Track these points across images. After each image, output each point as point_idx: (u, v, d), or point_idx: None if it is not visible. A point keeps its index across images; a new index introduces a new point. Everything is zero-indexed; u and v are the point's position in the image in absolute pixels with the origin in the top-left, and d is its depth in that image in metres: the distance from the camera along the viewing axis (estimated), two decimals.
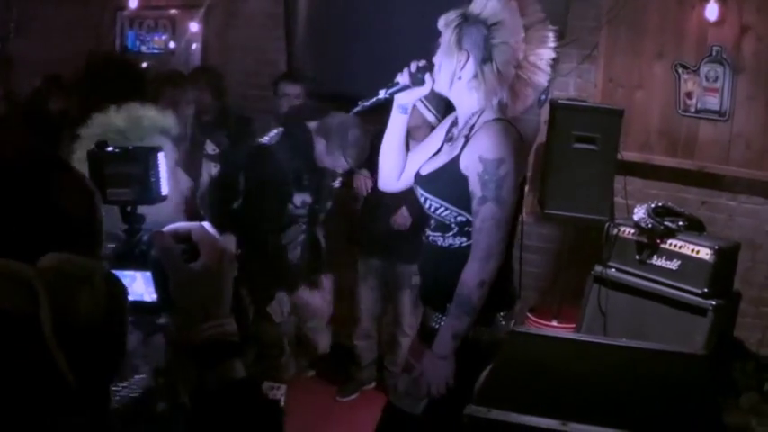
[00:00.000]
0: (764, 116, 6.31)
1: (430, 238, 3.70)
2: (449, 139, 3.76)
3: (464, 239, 3.58)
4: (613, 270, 5.76)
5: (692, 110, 6.49)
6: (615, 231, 5.80)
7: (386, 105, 3.80)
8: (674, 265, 5.59)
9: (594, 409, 2.39)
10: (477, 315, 3.50)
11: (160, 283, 1.69)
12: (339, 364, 6.83)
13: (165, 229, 1.70)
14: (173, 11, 8.29)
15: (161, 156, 1.84)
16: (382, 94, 3.67)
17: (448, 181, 3.55)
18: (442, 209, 3.58)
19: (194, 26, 8.04)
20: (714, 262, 5.44)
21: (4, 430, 1.33)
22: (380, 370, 6.73)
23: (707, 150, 6.48)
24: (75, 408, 1.40)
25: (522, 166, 3.64)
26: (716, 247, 5.48)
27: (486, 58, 3.48)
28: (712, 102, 6.42)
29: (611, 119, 6.04)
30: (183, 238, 1.69)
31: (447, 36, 3.55)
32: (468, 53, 3.51)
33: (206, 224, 1.73)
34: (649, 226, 5.67)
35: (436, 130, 3.96)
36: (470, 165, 3.46)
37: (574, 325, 5.96)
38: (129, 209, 1.82)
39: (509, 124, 3.56)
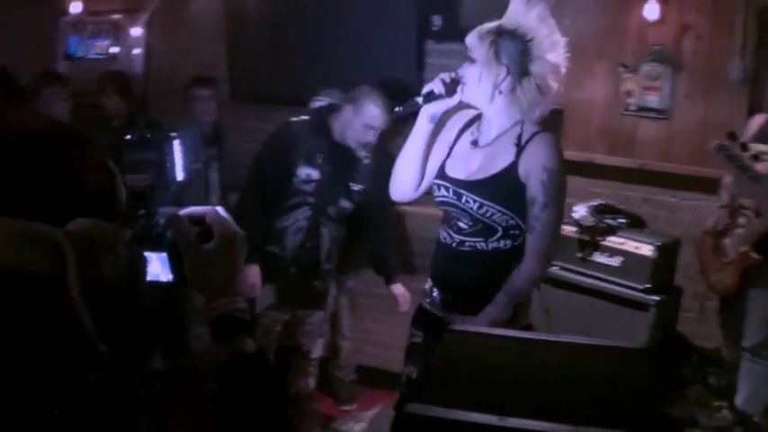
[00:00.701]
0: (704, 114, 6.39)
1: (467, 244, 3.77)
2: (472, 143, 3.85)
3: (509, 242, 3.72)
4: (556, 268, 5.81)
5: (633, 108, 6.57)
6: None
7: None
8: (616, 261, 5.68)
9: (534, 404, 2.40)
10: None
11: (175, 265, 1.79)
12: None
13: (181, 212, 1.80)
14: (115, 16, 8.22)
15: (176, 143, 1.92)
16: (420, 101, 3.76)
17: (506, 186, 3.66)
18: (498, 213, 3.67)
19: (137, 31, 7.99)
20: (656, 258, 5.56)
21: (33, 387, 1.40)
22: (324, 374, 6.71)
23: (648, 148, 6.56)
24: (99, 366, 1.49)
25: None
26: (657, 244, 5.59)
27: (524, 72, 3.63)
28: (653, 100, 6.50)
29: (550, 118, 6.06)
30: (198, 220, 1.80)
31: (484, 50, 3.66)
32: (508, 67, 3.64)
33: (219, 208, 1.84)
34: (590, 224, 5.75)
35: (442, 134, 4.01)
36: (533, 172, 3.61)
37: None
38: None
39: (555, 135, 3.82)
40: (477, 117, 3.93)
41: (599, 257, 5.77)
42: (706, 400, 5.68)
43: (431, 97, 3.73)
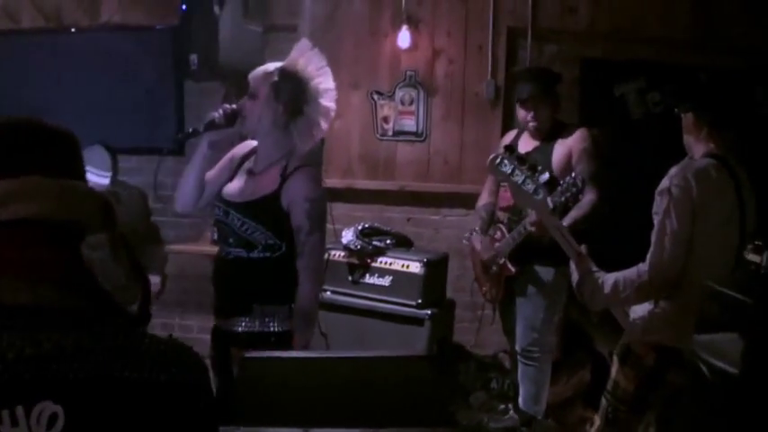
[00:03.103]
0: (458, 134, 6.76)
1: (232, 254, 4.08)
2: (248, 171, 4.15)
3: (267, 254, 4.02)
4: (328, 293, 5.94)
5: (390, 133, 6.87)
6: (327, 256, 5.94)
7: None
8: (386, 281, 5.87)
9: (334, 414, 2.60)
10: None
11: None
12: None
13: None
14: None
15: None
16: (200, 128, 4.09)
17: (267, 210, 4.00)
18: (258, 232, 4.01)
19: None
20: (424, 274, 5.79)
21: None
22: None
23: (407, 170, 6.86)
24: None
25: None
26: (424, 260, 5.83)
27: (299, 111, 4.00)
28: (409, 124, 6.82)
29: (312, 148, 6.27)
30: None
31: (266, 89, 4.00)
32: (285, 105, 3.99)
33: None
34: (358, 247, 5.93)
35: (224, 159, 4.25)
36: (296, 203, 3.98)
37: None
38: None
39: (317, 167, 4.16)
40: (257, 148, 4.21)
41: (370, 278, 5.95)
42: (491, 405, 5.94)
43: (211, 125, 4.05)
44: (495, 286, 5.56)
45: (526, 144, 5.43)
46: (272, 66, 4.08)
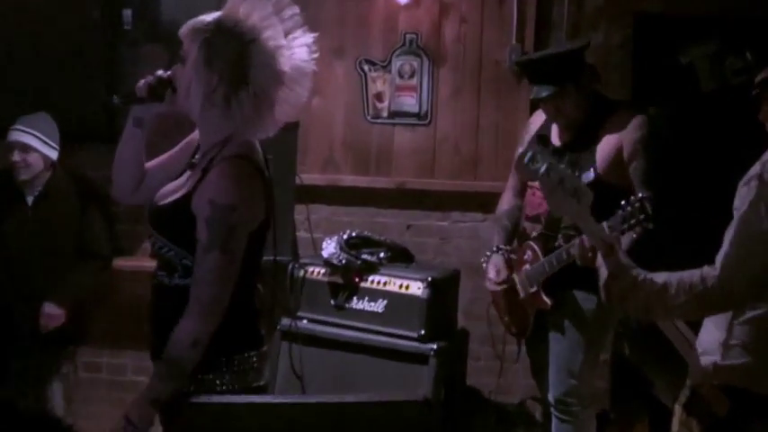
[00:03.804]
0: (473, 116, 6.68)
1: (157, 278, 3.82)
2: (190, 165, 3.87)
3: (188, 280, 3.68)
4: (305, 321, 5.91)
5: (385, 114, 6.78)
6: (302, 273, 5.96)
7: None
8: (379, 306, 5.80)
9: None
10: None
11: None
12: None
13: None
14: None
15: None
16: (114, 99, 3.82)
17: (177, 219, 3.68)
18: (166, 248, 3.73)
19: None
20: (429, 297, 5.70)
21: None
22: None
23: (406, 162, 6.79)
24: None
25: (260, 210, 3.79)
26: (429, 279, 5.73)
27: (241, 81, 3.61)
28: (409, 103, 6.73)
29: (283, 134, 6.14)
30: None
31: (194, 51, 3.64)
32: (220, 75, 3.62)
33: None
34: (343, 262, 5.85)
35: (181, 148, 4.05)
36: (200, 207, 3.60)
37: None
38: None
39: (248, 162, 3.72)
40: None
41: (358, 303, 5.88)
42: None
43: (130, 99, 3.80)
44: (522, 317, 5.45)
45: (561, 132, 5.33)
46: (205, 18, 3.71)
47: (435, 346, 5.67)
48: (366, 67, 6.79)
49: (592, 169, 4.77)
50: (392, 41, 6.74)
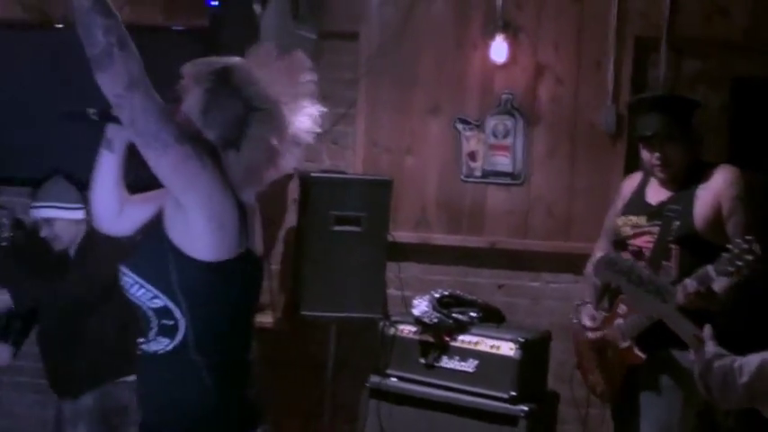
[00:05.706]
0: (568, 175, 6.62)
1: (140, 346, 3.45)
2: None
3: (167, 341, 3.34)
4: (394, 379, 5.87)
5: (478, 174, 6.75)
6: (392, 331, 5.93)
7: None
8: (470, 366, 5.73)
9: None
10: None
11: None
12: None
13: None
14: None
15: None
16: (90, 113, 3.50)
17: (150, 243, 3.42)
18: (137, 286, 3.36)
19: None
20: (520, 358, 5.63)
21: None
22: None
23: (499, 222, 6.73)
24: None
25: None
26: (521, 340, 5.67)
27: (232, 143, 3.32)
28: (503, 162, 6.70)
29: (377, 192, 6.21)
30: None
31: (195, 95, 3.33)
32: (213, 127, 3.31)
33: None
34: (434, 321, 5.80)
35: None
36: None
37: None
38: None
39: None
40: None
41: (448, 362, 5.83)
42: None
43: (105, 116, 3.47)
44: (609, 377, 5.33)
45: (657, 192, 5.21)
46: (216, 64, 3.39)
47: (526, 408, 5.60)
48: (460, 126, 6.76)
49: (690, 226, 4.68)
50: (487, 100, 6.71)
